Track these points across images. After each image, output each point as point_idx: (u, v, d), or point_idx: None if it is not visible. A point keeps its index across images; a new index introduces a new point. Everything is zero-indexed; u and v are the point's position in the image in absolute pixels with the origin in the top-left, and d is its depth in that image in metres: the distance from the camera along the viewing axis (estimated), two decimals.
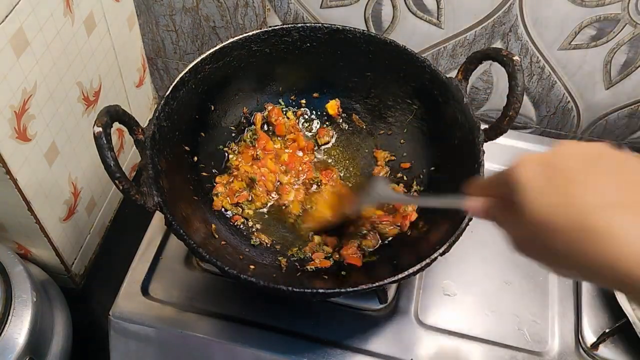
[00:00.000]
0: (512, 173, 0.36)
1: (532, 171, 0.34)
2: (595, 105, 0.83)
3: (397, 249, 0.63)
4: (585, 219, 0.31)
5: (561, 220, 0.32)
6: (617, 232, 0.30)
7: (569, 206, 0.32)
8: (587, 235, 0.31)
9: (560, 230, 0.32)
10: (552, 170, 0.34)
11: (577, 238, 0.31)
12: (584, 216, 0.31)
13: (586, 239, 0.31)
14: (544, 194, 0.33)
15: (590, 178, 0.32)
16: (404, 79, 0.69)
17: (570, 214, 0.32)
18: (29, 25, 0.59)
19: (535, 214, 0.33)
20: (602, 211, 0.31)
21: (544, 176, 0.34)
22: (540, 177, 0.34)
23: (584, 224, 0.31)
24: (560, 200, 0.32)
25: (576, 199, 0.32)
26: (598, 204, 0.31)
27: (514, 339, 0.64)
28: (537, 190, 0.33)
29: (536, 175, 0.34)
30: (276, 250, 0.66)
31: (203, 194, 0.67)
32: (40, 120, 0.66)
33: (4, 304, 0.66)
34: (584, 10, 0.71)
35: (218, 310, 0.64)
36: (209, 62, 0.65)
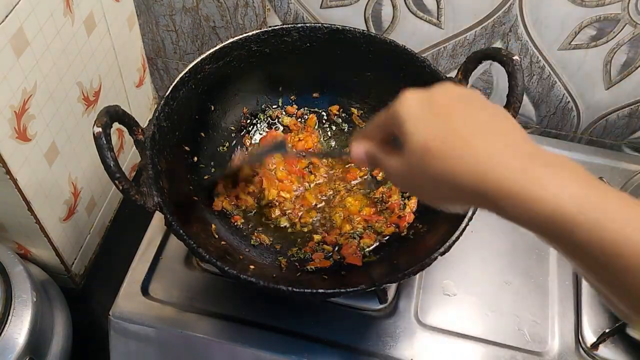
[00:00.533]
0: (396, 108, 0.39)
1: (415, 104, 0.38)
2: (595, 105, 0.83)
3: (397, 249, 0.63)
4: (463, 144, 0.35)
5: (440, 145, 0.36)
6: (487, 152, 0.34)
7: (449, 133, 0.36)
8: (462, 157, 0.35)
9: (438, 156, 0.36)
10: (433, 103, 0.38)
11: (453, 160, 0.35)
12: (462, 141, 0.35)
13: (460, 160, 0.35)
14: (427, 123, 0.37)
15: (467, 111, 0.37)
16: (404, 79, 0.69)
17: (449, 139, 0.36)
18: (29, 25, 0.59)
19: (418, 141, 0.37)
20: (475, 137, 0.35)
21: (426, 108, 0.38)
22: (423, 109, 0.38)
23: (460, 147, 0.35)
24: (440, 127, 0.36)
25: (455, 127, 0.36)
26: (471, 132, 0.36)
27: (514, 339, 0.64)
28: (421, 120, 0.38)
29: (419, 107, 0.38)
30: (276, 250, 0.66)
31: (203, 194, 0.67)
32: (40, 120, 0.66)
33: (4, 304, 0.66)
34: (584, 10, 0.71)
35: (218, 310, 0.64)
36: (209, 62, 0.65)
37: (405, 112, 0.38)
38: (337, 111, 0.76)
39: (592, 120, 0.86)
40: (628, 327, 0.63)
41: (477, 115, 0.37)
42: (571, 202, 0.32)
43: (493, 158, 0.34)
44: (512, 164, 0.34)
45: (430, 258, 0.53)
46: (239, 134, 0.73)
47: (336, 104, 0.76)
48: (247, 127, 0.74)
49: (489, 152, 0.34)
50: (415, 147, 0.37)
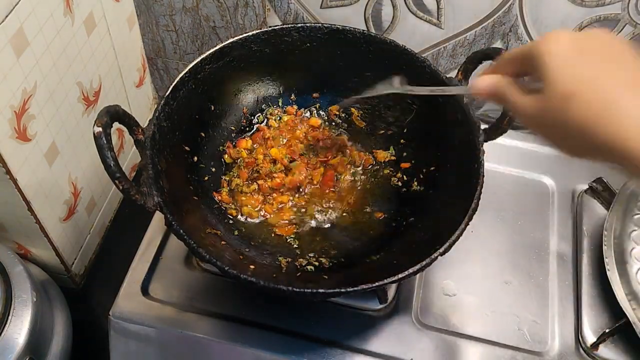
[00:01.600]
0: (541, 44, 0.37)
1: (564, 44, 0.36)
2: None
3: (397, 249, 0.63)
4: (613, 97, 0.33)
5: (588, 93, 0.34)
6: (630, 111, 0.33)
7: (599, 82, 0.34)
8: (610, 111, 0.33)
9: (584, 104, 0.34)
10: (585, 47, 0.36)
11: (599, 112, 0.33)
12: (612, 94, 0.33)
13: (607, 113, 0.33)
14: (576, 66, 0.35)
15: (620, 62, 0.35)
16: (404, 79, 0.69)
17: (599, 89, 0.34)
18: (29, 25, 0.59)
19: (564, 84, 0.35)
20: (626, 93, 0.33)
21: (577, 50, 0.36)
22: (574, 50, 0.36)
23: (610, 100, 0.33)
24: (591, 74, 0.34)
25: (606, 77, 0.34)
26: (623, 86, 0.34)
27: (514, 339, 0.64)
28: (570, 62, 0.35)
29: (569, 47, 0.36)
30: (276, 250, 0.66)
31: (203, 194, 0.67)
32: (40, 120, 0.66)
33: (4, 304, 0.66)
34: (584, 10, 0.71)
35: (218, 310, 0.64)
36: (209, 62, 0.65)
37: (552, 50, 0.36)
38: (337, 111, 0.76)
39: None
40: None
41: (630, 68, 0.35)
42: None
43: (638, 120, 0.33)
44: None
45: (431, 258, 0.53)
46: (239, 134, 0.73)
47: (336, 104, 0.76)
48: (247, 127, 0.74)
49: (635, 112, 0.33)
50: (559, 90, 0.35)
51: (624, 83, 0.34)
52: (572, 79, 0.35)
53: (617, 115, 0.33)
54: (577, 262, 0.71)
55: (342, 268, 0.64)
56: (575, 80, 0.35)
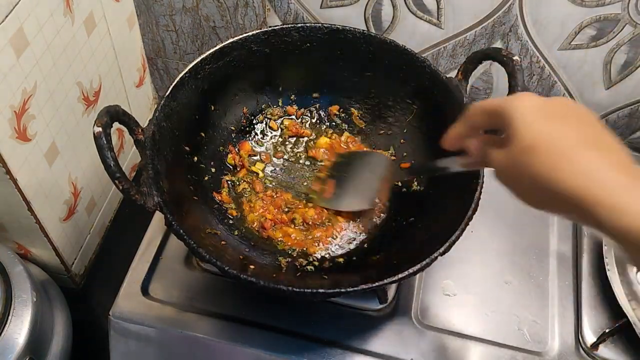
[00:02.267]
0: (510, 103, 0.41)
1: (530, 104, 0.40)
2: (595, 105, 0.83)
3: (397, 249, 0.63)
4: (571, 151, 0.37)
5: (549, 147, 0.37)
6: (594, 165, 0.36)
7: (559, 137, 0.38)
8: (568, 163, 0.36)
9: (544, 157, 0.37)
10: (547, 108, 0.40)
11: (557, 165, 0.37)
12: (570, 149, 0.37)
13: (565, 165, 0.36)
14: (539, 123, 0.39)
15: (578, 123, 0.39)
16: (404, 79, 0.69)
17: (558, 143, 0.37)
18: (29, 25, 0.59)
19: (527, 139, 0.38)
20: (584, 148, 0.37)
21: (541, 110, 0.40)
22: (538, 110, 0.40)
23: (568, 154, 0.37)
24: (551, 130, 0.38)
25: (565, 134, 0.38)
26: (581, 142, 0.37)
27: (514, 339, 0.64)
28: (534, 119, 0.39)
29: (534, 107, 0.40)
30: (276, 250, 0.66)
31: (203, 194, 0.67)
32: (40, 120, 0.66)
33: (4, 304, 0.66)
34: (584, 10, 0.71)
35: (218, 310, 0.64)
36: (209, 62, 0.65)
37: (519, 108, 0.40)
38: (337, 111, 0.76)
39: None
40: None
41: (587, 129, 0.39)
42: None
43: (599, 171, 0.36)
44: (618, 179, 0.35)
45: (430, 258, 0.53)
46: (239, 134, 0.73)
47: (336, 104, 0.76)
48: (247, 127, 0.74)
49: (595, 164, 0.36)
50: (524, 144, 0.38)
51: (582, 139, 0.37)
52: (534, 134, 0.38)
53: (576, 169, 0.36)
54: (577, 262, 0.71)
55: (342, 268, 0.64)
56: (537, 136, 0.38)
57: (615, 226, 0.34)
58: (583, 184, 0.35)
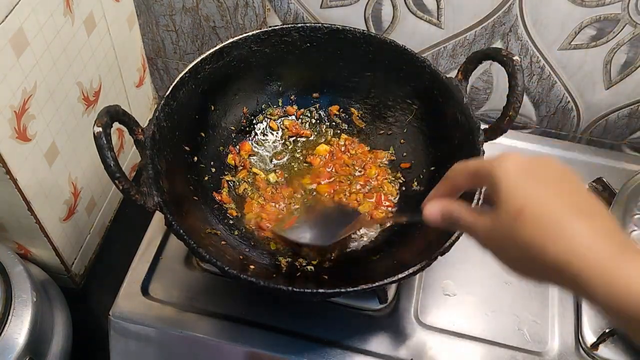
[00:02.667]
0: (496, 162, 0.40)
1: (515, 167, 0.39)
2: (595, 105, 0.83)
3: (397, 249, 0.63)
4: (558, 218, 0.36)
5: (535, 213, 0.36)
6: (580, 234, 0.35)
7: (545, 204, 0.36)
8: (554, 231, 0.35)
9: (531, 223, 0.36)
10: (534, 171, 0.38)
11: (544, 232, 0.35)
12: (557, 215, 0.36)
13: (551, 233, 0.35)
14: (525, 188, 0.38)
15: (565, 189, 0.38)
16: (404, 79, 0.69)
17: (545, 210, 0.36)
18: (29, 25, 0.59)
19: (513, 204, 0.37)
20: (570, 215, 0.36)
21: (527, 174, 0.38)
22: (524, 174, 0.38)
23: (555, 221, 0.35)
24: (538, 196, 0.37)
25: (552, 200, 0.37)
26: (567, 209, 0.36)
27: (514, 339, 0.64)
28: (520, 183, 0.38)
29: (520, 170, 0.38)
30: (276, 250, 0.66)
31: (203, 194, 0.67)
32: (40, 120, 0.66)
33: (4, 304, 0.66)
34: (584, 10, 0.71)
35: (218, 310, 0.64)
36: (209, 62, 0.65)
37: (503, 170, 0.39)
38: (337, 111, 0.76)
39: (592, 120, 0.86)
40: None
41: (573, 193, 0.38)
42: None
43: (585, 240, 0.34)
44: (603, 249, 0.34)
45: (430, 258, 0.53)
46: (239, 134, 0.73)
47: (336, 104, 0.76)
48: (247, 127, 0.74)
49: (581, 233, 0.35)
50: (510, 209, 0.37)
51: (568, 206, 0.36)
52: (521, 198, 0.37)
53: (562, 237, 0.35)
54: None
55: (342, 268, 0.64)
56: (524, 200, 0.37)
57: (605, 298, 0.33)
58: (571, 255, 0.34)
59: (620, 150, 0.89)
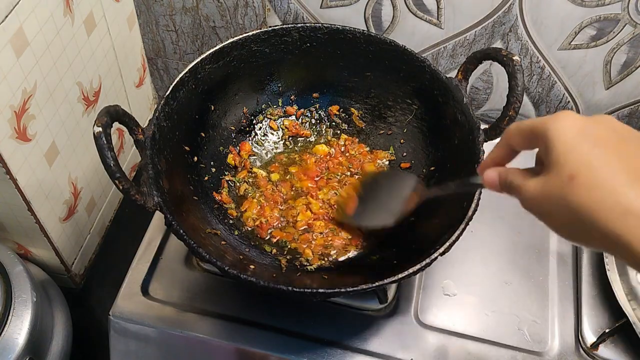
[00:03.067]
0: (551, 123, 0.38)
1: (573, 127, 0.37)
2: (595, 105, 0.83)
3: (397, 249, 0.63)
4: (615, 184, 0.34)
5: (591, 177, 0.34)
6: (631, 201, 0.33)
7: (603, 168, 0.35)
8: (609, 197, 0.34)
9: (585, 188, 0.35)
10: (592, 133, 0.36)
11: (598, 197, 0.34)
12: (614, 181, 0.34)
13: (606, 199, 0.34)
14: (582, 150, 0.36)
15: (626, 152, 0.36)
16: (404, 79, 0.69)
17: (602, 175, 0.34)
18: (29, 25, 0.59)
19: (568, 166, 0.36)
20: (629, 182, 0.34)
21: (584, 135, 0.36)
22: (581, 135, 0.36)
23: (611, 187, 0.34)
24: (595, 159, 0.35)
25: (610, 165, 0.35)
26: (626, 175, 0.34)
27: (514, 339, 0.64)
28: (576, 146, 0.36)
29: (577, 132, 0.36)
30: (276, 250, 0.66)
31: (203, 194, 0.67)
32: (40, 120, 0.66)
33: (4, 304, 0.66)
34: (584, 10, 0.71)
35: (218, 310, 0.64)
36: (209, 62, 0.65)
37: (560, 133, 0.37)
38: (337, 111, 0.76)
39: None
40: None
41: (634, 158, 0.35)
42: None
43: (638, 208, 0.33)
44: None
45: (431, 258, 0.53)
46: (239, 134, 0.73)
47: (336, 104, 0.76)
48: (247, 127, 0.74)
49: (636, 202, 0.33)
50: (563, 174, 0.36)
51: (626, 171, 0.34)
52: (576, 162, 0.35)
53: (615, 206, 0.34)
54: (577, 262, 0.71)
55: (342, 268, 0.64)
56: (579, 164, 0.35)
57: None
58: (623, 225, 0.33)
59: None
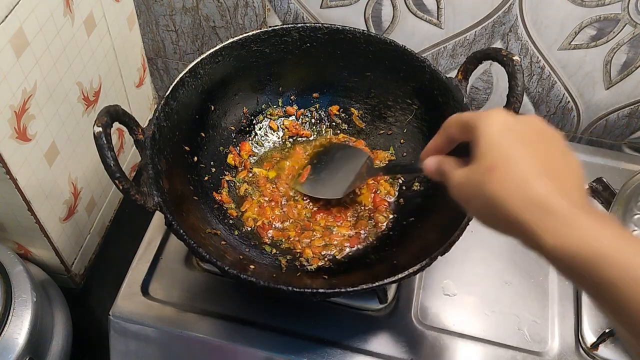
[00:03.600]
0: (482, 118, 0.41)
1: (499, 124, 0.40)
2: (595, 105, 0.83)
3: (397, 249, 0.63)
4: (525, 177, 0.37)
5: (506, 170, 0.38)
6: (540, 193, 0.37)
7: (518, 163, 0.38)
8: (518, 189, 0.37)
9: (499, 179, 0.38)
10: (516, 130, 0.40)
11: (509, 188, 0.37)
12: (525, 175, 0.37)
13: (515, 191, 0.37)
14: (503, 145, 0.39)
15: (543, 150, 0.39)
16: (404, 79, 0.69)
17: (516, 169, 0.38)
18: (29, 25, 0.59)
19: (488, 158, 0.39)
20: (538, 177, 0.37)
21: (509, 132, 0.40)
22: (506, 131, 0.40)
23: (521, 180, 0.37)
24: (514, 154, 0.38)
25: (525, 160, 0.38)
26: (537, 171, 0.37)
27: (514, 339, 0.64)
28: (499, 140, 0.39)
29: (502, 128, 0.40)
30: (276, 250, 0.66)
31: (203, 194, 0.67)
32: (40, 120, 0.66)
33: (4, 304, 0.66)
34: (584, 10, 0.71)
35: (218, 310, 0.64)
36: (209, 62, 0.65)
37: (487, 127, 0.40)
38: (337, 111, 0.76)
39: (592, 120, 0.86)
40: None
41: (550, 156, 0.39)
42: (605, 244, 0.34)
43: (544, 198, 0.36)
44: (560, 205, 0.36)
45: (430, 258, 0.53)
46: (239, 134, 0.73)
47: (336, 104, 0.76)
48: (247, 127, 0.74)
49: (543, 192, 0.36)
50: (484, 163, 0.39)
51: (540, 166, 0.38)
52: (496, 155, 0.39)
53: (524, 197, 0.37)
54: None
55: (342, 268, 0.64)
56: (499, 157, 0.39)
57: (555, 250, 0.35)
58: (528, 211, 0.36)
59: (620, 150, 0.89)
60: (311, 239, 0.66)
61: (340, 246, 0.66)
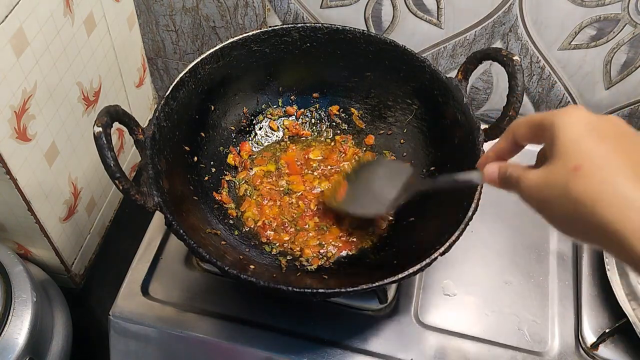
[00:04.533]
0: (558, 115, 0.38)
1: (581, 121, 0.37)
2: (595, 105, 0.83)
3: (397, 249, 0.63)
4: (616, 179, 0.34)
5: (594, 170, 0.35)
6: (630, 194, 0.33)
7: (607, 163, 0.35)
8: (610, 191, 0.34)
9: (587, 180, 0.35)
10: (600, 128, 0.37)
11: (599, 189, 0.34)
12: (616, 176, 0.34)
13: (606, 192, 0.34)
14: (588, 144, 0.36)
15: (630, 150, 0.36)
16: (404, 79, 0.69)
17: (605, 169, 0.34)
18: (29, 25, 0.59)
19: (572, 157, 0.36)
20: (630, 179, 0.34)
21: (591, 130, 0.36)
22: (588, 129, 0.36)
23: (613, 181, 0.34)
24: (600, 154, 0.35)
25: (614, 160, 0.35)
26: (629, 172, 0.34)
27: (514, 339, 0.64)
28: (582, 138, 0.36)
29: (584, 125, 0.37)
30: (276, 250, 0.66)
31: (203, 194, 0.67)
32: (40, 120, 0.66)
33: (4, 304, 0.66)
34: (584, 10, 0.71)
35: (218, 310, 0.64)
36: (209, 62, 0.65)
37: (567, 124, 0.37)
38: (337, 111, 0.76)
39: None
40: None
41: (637, 155, 0.36)
42: None
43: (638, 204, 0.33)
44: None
45: (431, 258, 0.53)
46: (239, 134, 0.73)
47: (336, 104, 0.76)
48: (247, 127, 0.74)
49: (636, 197, 0.33)
50: (569, 162, 0.36)
51: (630, 166, 0.35)
52: (581, 154, 0.36)
53: (616, 199, 0.34)
54: (577, 262, 0.71)
55: (342, 268, 0.64)
56: (584, 156, 0.35)
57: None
58: (620, 217, 0.33)
59: None
60: (307, 239, 0.66)
61: (335, 244, 0.66)
